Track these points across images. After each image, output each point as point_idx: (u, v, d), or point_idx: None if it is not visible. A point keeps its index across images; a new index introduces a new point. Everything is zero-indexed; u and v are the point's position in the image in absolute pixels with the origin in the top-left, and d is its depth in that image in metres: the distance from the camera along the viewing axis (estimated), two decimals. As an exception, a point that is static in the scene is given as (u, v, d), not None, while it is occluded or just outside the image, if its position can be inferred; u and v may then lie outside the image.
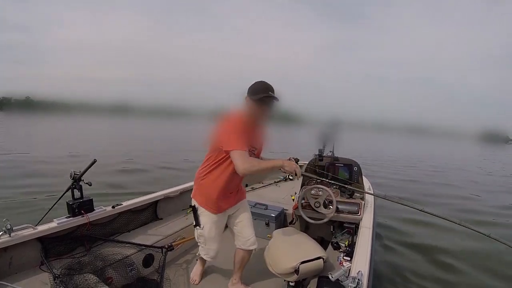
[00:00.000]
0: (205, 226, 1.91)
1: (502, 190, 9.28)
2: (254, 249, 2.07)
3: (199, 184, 1.90)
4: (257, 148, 1.90)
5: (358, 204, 2.52)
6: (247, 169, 1.58)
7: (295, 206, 2.63)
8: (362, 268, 1.48)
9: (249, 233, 2.03)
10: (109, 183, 6.21)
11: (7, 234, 1.74)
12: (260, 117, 1.76)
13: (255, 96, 1.67)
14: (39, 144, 12.95)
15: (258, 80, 1.73)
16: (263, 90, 1.67)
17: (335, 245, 2.63)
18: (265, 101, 1.68)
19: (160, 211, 2.79)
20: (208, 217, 1.90)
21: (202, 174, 1.87)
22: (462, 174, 12.59)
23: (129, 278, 2.02)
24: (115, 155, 10.02)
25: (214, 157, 1.78)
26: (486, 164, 19.15)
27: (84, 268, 1.85)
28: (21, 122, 26.94)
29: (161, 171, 8.38)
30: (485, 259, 3.65)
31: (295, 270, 1.90)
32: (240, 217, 2.03)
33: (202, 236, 1.95)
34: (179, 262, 2.49)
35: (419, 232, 4.57)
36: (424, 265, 3.48)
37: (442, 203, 6.65)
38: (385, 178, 8.77)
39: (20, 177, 6.57)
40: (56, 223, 1.96)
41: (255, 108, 1.69)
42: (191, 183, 3.14)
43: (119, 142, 14.33)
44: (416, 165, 14.28)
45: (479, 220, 5.51)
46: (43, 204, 4.80)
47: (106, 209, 2.26)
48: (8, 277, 1.74)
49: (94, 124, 28.85)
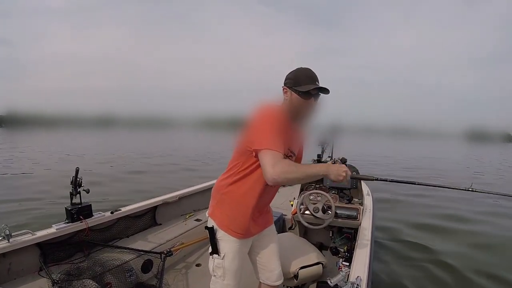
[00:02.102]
0: (227, 256, 1.45)
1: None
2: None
3: (221, 199, 1.48)
4: (297, 153, 1.53)
5: (357, 209, 2.53)
6: (280, 174, 1.19)
7: (294, 212, 2.63)
8: (361, 273, 1.49)
9: (275, 265, 1.65)
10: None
11: (6, 240, 1.75)
12: (304, 115, 1.39)
13: (301, 87, 1.31)
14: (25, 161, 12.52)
15: (302, 67, 1.37)
16: (311, 80, 1.31)
17: (334, 250, 2.63)
18: (313, 94, 1.32)
19: (159, 216, 2.79)
20: (231, 244, 1.45)
21: (224, 186, 1.45)
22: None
23: (128, 284, 2.01)
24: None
25: (242, 163, 1.39)
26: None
27: (83, 274, 1.85)
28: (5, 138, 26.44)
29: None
30: (489, 265, 3.64)
31: (294, 276, 1.90)
32: (266, 245, 1.63)
33: (221, 268, 1.47)
34: (178, 268, 2.48)
35: (419, 236, 4.56)
36: (424, 271, 3.47)
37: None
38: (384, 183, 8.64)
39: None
40: (54, 228, 1.96)
41: (299, 103, 1.33)
42: (190, 189, 3.16)
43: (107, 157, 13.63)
44: (420, 169, 13.65)
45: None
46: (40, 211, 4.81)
47: (105, 214, 2.27)
48: (7, 283, 1.74)
49: (80, 138, 28.48)
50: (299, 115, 1.38)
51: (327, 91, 1.32)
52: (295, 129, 1.45)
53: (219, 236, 1.47)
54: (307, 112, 1.37)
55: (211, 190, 1.58)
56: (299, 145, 1.56)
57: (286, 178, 1.22)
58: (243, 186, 1.41)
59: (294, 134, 1.45)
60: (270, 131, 1.26)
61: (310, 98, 1.32)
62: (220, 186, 1.49)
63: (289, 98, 1.35)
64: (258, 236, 1.59)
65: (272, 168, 1.19)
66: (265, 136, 1.25)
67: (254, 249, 1.63)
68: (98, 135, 35.45)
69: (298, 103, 1.33)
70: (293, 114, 1.37)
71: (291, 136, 1.40)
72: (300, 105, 1.33)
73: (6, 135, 31.85)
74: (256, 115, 1.33)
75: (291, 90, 1.34)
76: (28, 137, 29.07)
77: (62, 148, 16.68)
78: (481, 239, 4.45)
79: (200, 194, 3.20)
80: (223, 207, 1.47)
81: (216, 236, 1.47)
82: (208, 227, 1.50)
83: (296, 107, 1.34)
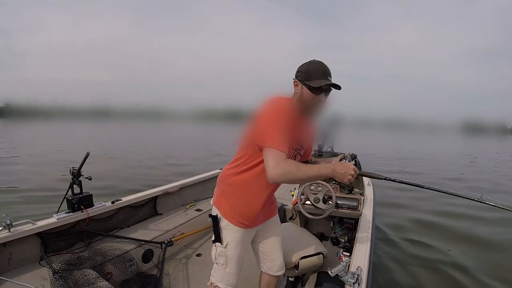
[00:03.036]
0: (230, 244, 1.46)
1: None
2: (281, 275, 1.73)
3: (226, 188, 1.47)
4: (306, 147, 1.53)
5: (357, 199, 2.52)
6: (280, 175, 1.19)
7: (294, 202, 2.63)
8: (362, 263, 1.48)
9: (278, 256, 1.67)
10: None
11: (7, 229, 1.75)
12: (314, 110, 1.36)
13: (312, 82, 1.27)
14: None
15: (314, 60, 1.32)
16: (323, 75, 1.27)
17: (334, 240, 2.64)
18: (324, 90, 1.29)
19: (160, 206, 2.79)
20: (234, 233, 1.46)
21: (230, 176, 1.45)
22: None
23: (128, 273, 2.02)
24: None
25: (248, 156, 1.38)
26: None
27: (83, 263, 1.86)
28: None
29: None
30: (491, 264, 3.62)
31: (294, 266, 1.91)
32: (270, 235, 1.64)
33: (223, 256, 1.47)
34: (178, 257, 2.49)
35: (419, 228, 4.58)
36: (424, 262, 3.49)
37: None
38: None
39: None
40: (55, 218, 1.96)
41: (310, 98, 1.29)
42: (191, 179, 3.15)
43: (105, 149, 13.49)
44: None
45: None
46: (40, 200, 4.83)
47: (105, 204, 2.26)
48: (7, 273, 1.74)
49: (77, 130, 28.48)
50: (309, 109, 1.35)
51: (339, 87, 1.29)
52: (305, 123, 1.42)
53: (223, 225, 1.46)
54: (317, 107, 1.34)
55: (211, 180, 1.56)
56: (309, 139, 1.54)
57: (286, 179, 1.21)
58: (248, 177, 1.40)
59: (304, 128, 1.42)
60: (276, 129, 1.23)
61: (321, 93, 1.29)
62: (225, 175, 1.48)
63: (300, 92, 1.31)
64: (262, 226, 1.60)
65: (273, 168, 1.18)
66: (269, 134, 1.23)
67: (257, 239, 1.63)
68: (95, 127, 35.57)
69: (309, 98, 1.30)
70: (302, 108, 1.34)
71: (300, 130, 1.38)
72: (311, 100, 1.30)
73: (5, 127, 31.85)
74: (264, 108, 1.29)
75: (302, 84, 1.30)
76: (28, 129, 29.14)
77: (60, 139, 16.72)
78: (483, 238, 4.45)
79: (201, 184, 3.19)
80: (228, 197, 1.46)
81: (220, 224, 1.46)
82: (212, 215, 1.49)
83: (306, 101, 1.31)
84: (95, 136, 20.34)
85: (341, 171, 1.23)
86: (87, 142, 15.68)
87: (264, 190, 1.43)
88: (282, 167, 1.18)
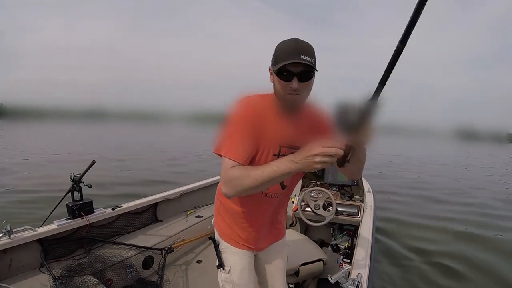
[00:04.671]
0: (233, 270, 1.27)
1: None
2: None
3: (220, 205, 1.31)
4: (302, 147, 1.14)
5: (357, 206, 2.53)
6: (224, 185, 1.01)
7: (294, 208, 2.63)
8: (362, 270, 1.49)
9: (278, 284, 1.44)
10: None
11: (7, 236, 1.74)
12: (288, 99, 1.03)
13: (276, 66, 0.99)
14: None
15: (287, 39, 1.01)
16: (290, 54, 0.95)
17: (334, 247, 2.63)
18: (296, 73, 0.97)
19: (160, 213, 2.79)
20: (235, 256, 1.28)
21: (221, 191, 1.19)
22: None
23: (128, 280, 2.02)
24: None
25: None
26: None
27: (84, 270, 1.86)
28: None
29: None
30: (491, 272, 3.60)
31: (294, 272, 1.91)
32: (273, 260, 1.44)
33: (229, 283, 1.28)
34: (178, 264, 2.49)
35: (419, 234, 4.57)
36: (425, 268, 3.48)
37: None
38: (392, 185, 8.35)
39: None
40: (56, 225, 1.96)
41: (280, 86, 1.01)
42: (191, 185, 3.16)
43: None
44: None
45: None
46: (42, 206, 4.81)
47: (106, 211, 2.27)
48: (8, 279, 1.74)
49: (70, 130, 28.53)
50: (284, 101, 1.05)
51: (315, 69, 0.97)
52: (294, 119, 1.12)
53: (222, 248, 1.31)
54: (289, 97, 1.01)
55: (212, 187, 1.52)
56: (306, 136, 1.08)
57: (234, 189, 0.98)
58: (243, 196, 1.18)
59: (292, 126, 1.11)
60: (228, 134, 1.06)
61: (289, 78, 0.97)
62: (218, 189, 1.30)
63: (273, 82, 1.05)
64: (266, 250, 1.41)
65: (221, 181, 1.03)
66: (221, 140, 1.06)
67: (259, 262, 1.44)
68: (91, 128, 35.61)
69: (278, 86, 1.02)
70: (280, 101, 1.07)
71: (285, 129, 1.10)
72: (281, 89, 1.02)
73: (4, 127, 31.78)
74: (228, 113, 1.08)
75: (272, 71, 1.04)
76: (26, 130, 29.12)
77: (53, 141, 16.71)
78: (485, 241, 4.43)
79: (201, 191, 3.19)
80: (223, 214, 1.31)
81: (219, 247, 1.31)
82: (211, 237, 1.37)
83: (278, 92, 1.04)
84: (90, 139, 20.28)
85: (301, 157, 0.88)
86: (82, 145, 15.65)
87: (258, 208, 1.23)
88: (225, 176, 1.00)
